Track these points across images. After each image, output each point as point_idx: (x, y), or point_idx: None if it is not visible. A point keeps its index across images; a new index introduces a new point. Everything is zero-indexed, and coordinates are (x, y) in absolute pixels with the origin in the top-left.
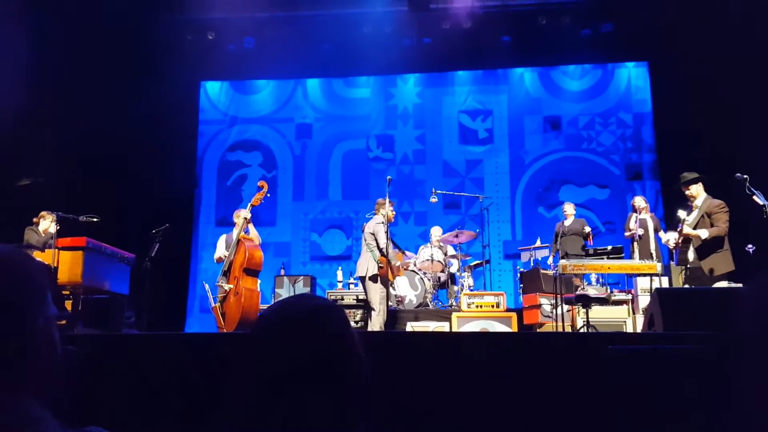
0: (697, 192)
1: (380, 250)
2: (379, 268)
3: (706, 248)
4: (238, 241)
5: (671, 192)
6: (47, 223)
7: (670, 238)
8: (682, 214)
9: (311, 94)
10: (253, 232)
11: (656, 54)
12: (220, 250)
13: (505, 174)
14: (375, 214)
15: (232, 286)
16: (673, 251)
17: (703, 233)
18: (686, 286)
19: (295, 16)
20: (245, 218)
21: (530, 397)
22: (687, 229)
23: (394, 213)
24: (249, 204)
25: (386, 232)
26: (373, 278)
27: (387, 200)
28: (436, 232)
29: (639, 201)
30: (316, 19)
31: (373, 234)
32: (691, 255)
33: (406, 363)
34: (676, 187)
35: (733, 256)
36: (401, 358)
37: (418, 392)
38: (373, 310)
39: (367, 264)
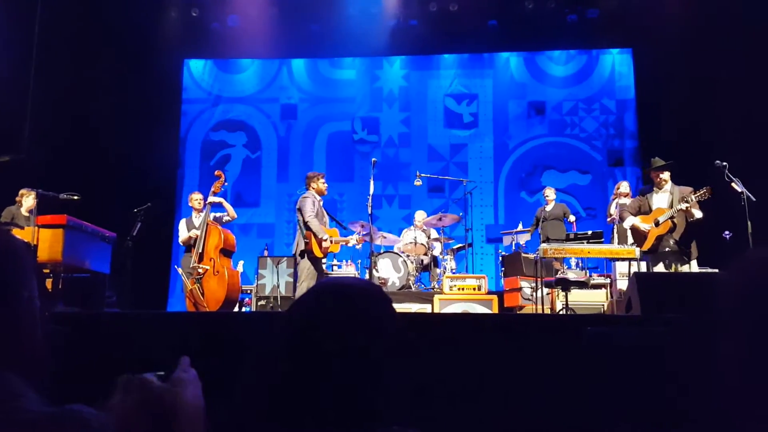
0: (668, 177)
1: (305, 224)
2: (305, 243)
3: (690, 233)
4: (207, 223)
5: (649, 177)
6: (30, 201)
7: (635, 222)
8: (659, 200)
9: (296, 75)
10: (230, 209)
11: (640, 41)
12: (184, 233)
13: (489, 158)
14: (306, 189)
15: (208, 267)
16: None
17: (698, 213)
18: (668, 270)
19: None
20: (209, 203)
21: (510, 377)
22: (694, 210)
23: (326, 185)
24: (210, 192)
25: (317, 207)
26: (302, 254)
27: (318, 173)
28: (420, 216)
29: (624, 186)
30: None
31: (299, 209)
32: (671, 241)
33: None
34: (647, 172)
35: (709, 242)
36: None
37: (401, 372)
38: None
39: (297, 240)
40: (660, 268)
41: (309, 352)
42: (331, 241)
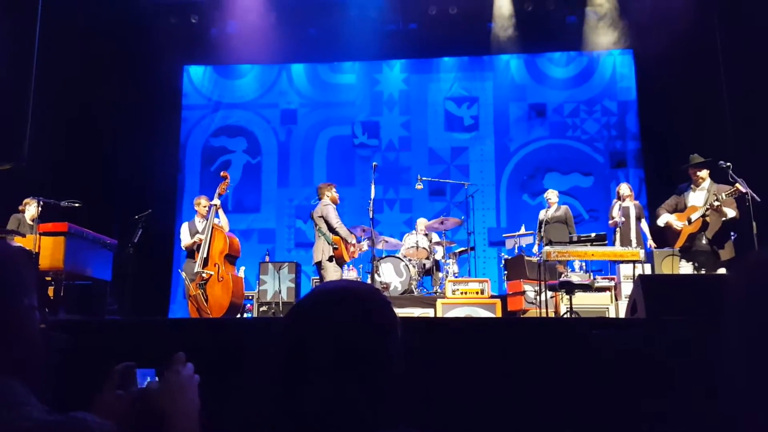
0: (706, 175)
1: (333, 230)
2: (334, 249)
3: (724, 233)
4: (212, 227)
5: (671, 176)
6: (33, 209)
7: (669, 219)
8: (695, 197)
9: (296, 80)
10: (224, 219)
11: (641, 42)
12: (186, 238)
13: (490, 161)
14: (320, 199)
15: (212, 272)
16: (683, 234)
17: (730, 212)
18: (701, 271)
19: (279, 0)
20: (215, 205)
21: (514, 381)
22: (725, 208)
23: (337, 195)
24: (215, 193)
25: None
26: (330, 259)
27: (330, 183)
28: (421, 222)
29: (624, 188)
30: (301, 3)
31: (322, 217)
32: (703, 240)
33: None
34: (684, 168)
35: None
36: None
37: (403, 376)
38: None
39: (321, 248)
40: (688, 268)
41: (308, 356)
42: (360, 249)
